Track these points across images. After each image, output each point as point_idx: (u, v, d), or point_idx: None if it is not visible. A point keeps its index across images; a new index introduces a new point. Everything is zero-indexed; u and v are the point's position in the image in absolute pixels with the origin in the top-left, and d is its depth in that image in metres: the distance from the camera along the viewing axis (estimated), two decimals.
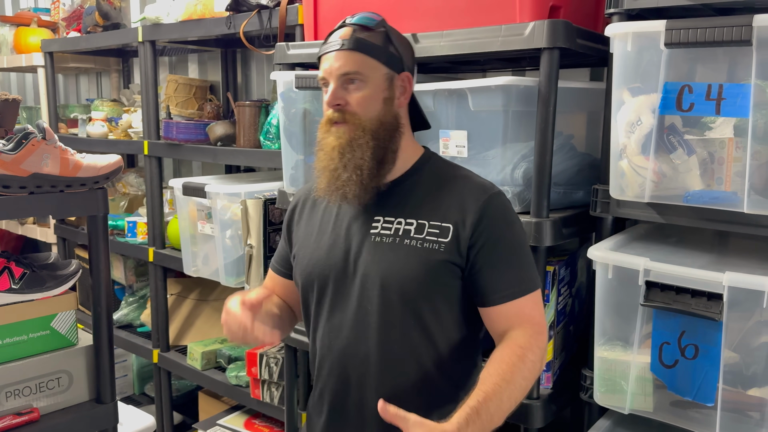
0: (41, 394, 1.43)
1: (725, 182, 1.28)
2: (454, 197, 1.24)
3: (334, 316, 1.27)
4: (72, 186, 1.37)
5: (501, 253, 1.22)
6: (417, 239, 1.22)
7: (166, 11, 2.44)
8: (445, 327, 1.24)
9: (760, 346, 1.25)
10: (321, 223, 1.33)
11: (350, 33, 1.23)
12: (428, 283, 1.21)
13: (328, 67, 1.23)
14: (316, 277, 1.29)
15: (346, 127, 1.22)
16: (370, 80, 1.22)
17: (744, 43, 1.18)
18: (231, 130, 2.38)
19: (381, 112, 1.23)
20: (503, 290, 1.22)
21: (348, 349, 1.25)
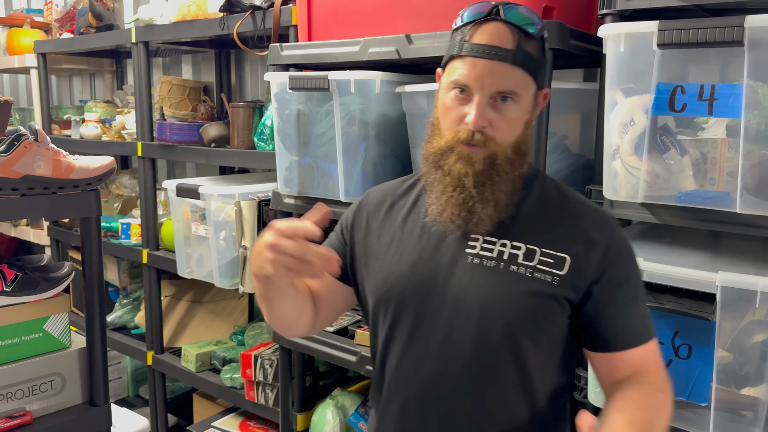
0: (34, 397, 1.42)
1: (718, 182, 1.28)
2: (573, 225, 1.08)
3: (413, 344, 1.09)
4: (64, 188, 1.37)
5: (627, 295, 1.07)
6: (526, 267, 1.05)
7: (159, 12, 2.44)
8: (545, 370, 1.08)
9: (753, 346, 1.26)
10: (402, 234, 1.14)
11: (513, 39, 1.01)
12: (536, 318, 1.05)
13: (477, 75, 1.00)
14: (395, 295, 1.10)
15: (482, 152, 1.03)
16: (522, 101, 1.04)
17: (736, 43, 1.18)
18: (225, 132, 2.38)
19: (520, 137, 1.06)
20: (630, 335, 1.07)
21: (430, 386, 1.08)
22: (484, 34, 1.02)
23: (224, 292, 2.74)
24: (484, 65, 1.01)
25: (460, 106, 1.04)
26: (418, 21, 1.65)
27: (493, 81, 1.01)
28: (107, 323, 3.00)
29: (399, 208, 1.18)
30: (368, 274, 1.16)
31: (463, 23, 1.05)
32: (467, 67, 1.02)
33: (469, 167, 1.03)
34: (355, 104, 1.70)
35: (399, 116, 1.75)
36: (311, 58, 1.85)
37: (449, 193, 1.05)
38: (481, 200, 1.05)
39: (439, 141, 1.07)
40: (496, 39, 1.01)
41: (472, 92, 1.02)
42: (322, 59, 1.82)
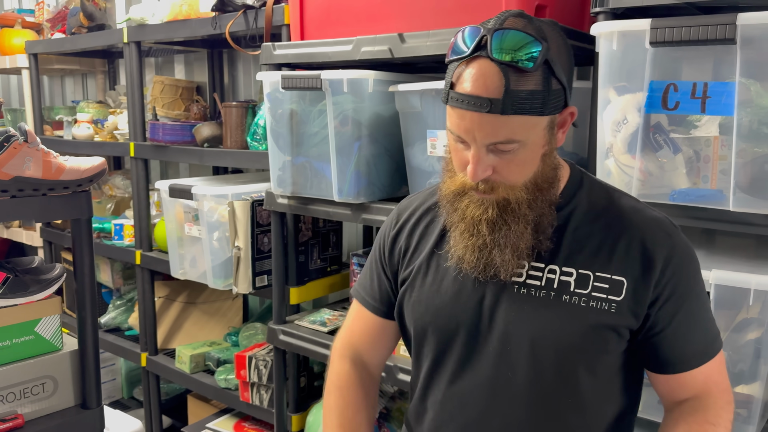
0: (26, 400, 1.41)
1: (711, 180, 1.28)
2: (628, 240, 0.98)
3: (460, 379, 1.04)
4: (55, 189, 1.35)
5: (690, 310, 0.99)
6: (580, 295, 0.97)
7: (151, 12, 2.42)
8: (604, 399, 1.02)
9: (747, 344, 1.26)
10: (440, 259, 1.07)
11: (500, 84, 0.87)
12: (594, 350, 0.98)
13: (467, 128, 0.92)
14: (438, 329, 1.05)
15: (493, 196, 0.96)
16: (528, 142, 0.93)
17: (728, 41, 1.18)
18: (218, 131, 2.37)
19: (537, 172, 0.96)
20: (693, 355, 0.99)
21: (480, 424, 1.02)
22: (468, 81, 0.90)
23: (218, 292, 2.73)
24: (472, 118, 0.90)
25: (463, 150, 0.96)
26: (410, 20, 1.65)
27: (484, 134, 0.91)
28: (101, 325, 2.99)
29: (433, 228, 1.11)
30: (408, 303, 1.10)
31: (450, 59, 0.94)
32: (457, 118, 0.93)
33: (483, 213, 0.97)
34: (348, 103, 1.70)
35: (392, 115, 1.74)
36: (304, 57, 1.84)
37: (466, 239, 0.99)
38: (497, 246, 0.97)
39: (451, 183, 1.01)
40: (480, 86, 0.88)
41: (468, 142, 0.94)
42: (315, 58, 1.81)
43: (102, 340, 2.89)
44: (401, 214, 1.18)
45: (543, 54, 0.88)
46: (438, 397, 1.07)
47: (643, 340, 1.00)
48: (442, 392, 1.07)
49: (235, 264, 2.13)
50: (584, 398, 1.00)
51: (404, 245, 1.14)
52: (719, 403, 1.01)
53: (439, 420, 1.07)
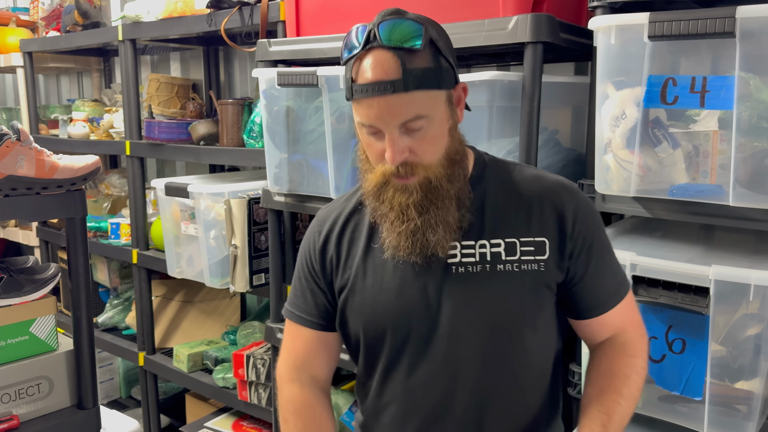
0: (21, 401, 1.40)
1: (710, 175, 1.27)
2: (539, 204, 1.08)
3: (419, 368, 1.08)
4: (48, 188, 1.34)
5: (600, 257, 1.09)
6: (512, 262, 1.05)
7: (146, 9, 2.41)
8: (545, 350, 1.12)
9: (747, 339, 1.25)
10: (374, 259, 1.10)
11: (397, 66, 0.95)
12: (534, 309, 1.07)
13: (377, 115, 0.97)
14: (389, 325, 1.08)
15: (415, 179, 1.01)
16: (435, 116, 1.00)
17: (727, 35, 1.17)
18: (214, 129, 2.35)
19: (449, 146, 1.04)
20: (608, 297, 1.10)
21: (445, 403, 1.08)
22: (367, 70, 0.97)
23: (216, 291, 2.72)
24: (379, 103, 0.97)
25: (377, 141, 1.02)
26: None
27: (394, 115, 0.97)
28: (98, 324, 2.97)
29: (359, 232, 1.14)
30: (351, 309, 1.13)
31: (345, 59, 1.01)
32: (364, 108, 0.99)
33: (409, 197, 1.02)
34: (345, 100, 1.68)
35: None
36: (300, 53, 1.83)
37: (398, 227, 1.04)
38: (429, 226, 1.02)
39: (373, 177, 1.05)
40: (380, 72, 0.96)
41: (380, 130, 1.00)
42: (311, 55, 1.80)
43: (99, 339, 2.88)
44: (323, 226, 1.19)
45: (426, 35, 0.98)
46: (399, 390, 1.10)
47: (565, 291, 1.10)
48: (403, 384, 1.10)
49: (232, 262, 2.12)
50: (531, 354, 1.09)
51: (334, 255, 1.15)
52: (635, 337, 1.13)
53: (404, 410, 1.11)
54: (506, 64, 2.02)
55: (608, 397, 1.05)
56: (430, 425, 1.10)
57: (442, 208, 1.03)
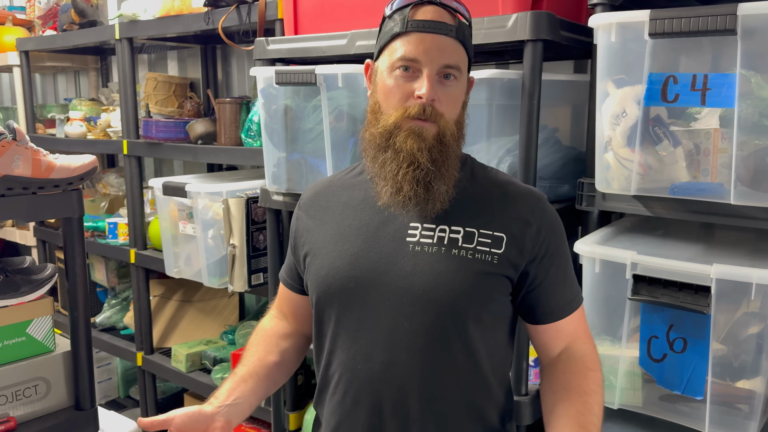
0: (18, 403, 1.39)
1: (711, 173, 1.27)
2: (505, 205, 1.11)
3: (360, 336, 1.10)
4: (45, 188, 1.33)
5: (560, 266, 1.13)
6: (467, 249, 1.07)
7: (143, 8, 2.39)
8: (491, 347, 1.11)
9: (748, 338, 1.24)
10: (340, 227, 1.15)
11: (452, 18, 1.05)
12: (480, 298, 1.07)
13: (426, 48, 1.02)
14: (337, 290, 1.11)
15: (432, 128, 1.04)
16: (462, 79, 1.08)
17: (728, 32, 1.16)
18: (211, 128, 2.34)
19: (459, 116, 1.09)
20: (564, 305, 1.13)
21: (381, 375, 1.08)
22: (427, 13, 1.05)
23: (214, 291, 2.71)
24: (432, 39, 1.04)
25: (407, 83, 1.05)
26: None
27: (442, 54, 1.03)
28: (96, 324, 2.96)
29: (335, 202, 1.19)
30: (310, 274, 1.16)
31: (399, 6, 1.07)
32: (414, 43, 1.04)
33: (422, 142, 1.04)
34: (343, 99, 1.68)
35: None
36: (298, 52, 1.82)
37: (404, 170, 1.04)
38: (438, 176, 1.05)
39: (386, 120, 1.06)
40: (439, 16, 1.05)
41: (421, 67, 1.04)
42: (309, 53, 1.79)
43: (97, 339, 2.87)
44: (304, 195, 1.27)
45: (469, 15, 1.11)
46: (342, 358, 1.12)
47: (525, 294, 1.12)
48: (345, 352, 1.12)
49: (231, 262, 2.11)
50: (473, 345, 1.09)
51: (306, 223, 1.22)
52: (590, 348, 1.15)
53: (346, 380, 1.12)
54: (506, 62, 2.01)
55: (585, 417, 1.06)
56: (364, 397, 1.10)
57: (450, 163, 1.07)
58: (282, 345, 1.27)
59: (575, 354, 1.14)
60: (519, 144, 1.45)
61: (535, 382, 1.59)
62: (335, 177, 1.26)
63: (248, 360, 1.22)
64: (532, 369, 1.58)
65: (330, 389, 1.15)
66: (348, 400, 1.12)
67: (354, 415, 1.12)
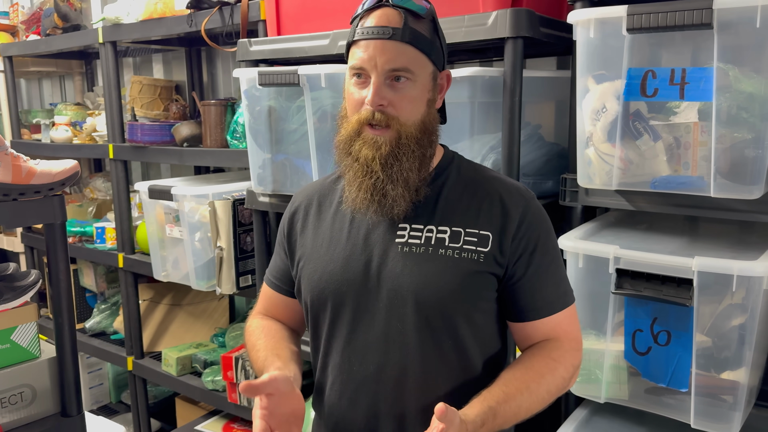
0: (4, 410, 1.38)
1: (691, 167, 1.27)
2: (491, 202, 1.12)
3: (355, 338, 1.12)
4: (26, 194, 1.32)
5: (542, 264, 1.11)
6: (453, 248, 1.09)
7: (125, 11, 2.38)
8: (481, 343, 1.13)
9: (731, 330, 1.25)
10: (332, 231, 1.17)
11: (400, 19, 1.05)
12: (468, 297, 1.09)
13: (370, 56, 1.05)
14: (331, 294, 1.13)
15: (387, 133, 1.06)
16: (419, 79, 1.07)
17: (705, 26, 1.17)
18: (197, 131, 2.33)
19: (424, 116, 1.09)
20: (543, 304, 1.11)
21: (376, 375, 1.10)
22: (374, 18, 1.07)
23: (204, 294, 2.70)
24: (375, 45, 1.05)
25: (360, 90, 1.08)
26: None
27: (385, 59, 1.04)
28: (86, 329, 2.95)
29: (327, 206, 1.21)
30: (304, 277, 1.18)
31: (357, 15, 1.10)
32: (361, 51, 1.06)
33: (376, 151, 1.06)
34: (327, 99, 1.67)
35: None
36: (280, 52, 1.82)
37: (360, 178, 1.08)
38: (390, 181, 1.07)
39: (347, 127, 1.10)
40: (383, 20, 1.06)
41: (369, 74, 1.06)
42: (292, 54, 1.79)
43: (87, 344, 2.86)
44: (296, 198, 1.28)
45: (431, 11, 1.10)
46: (337, 361, 1.14)
47: (503, 290, 1.12)
48: (340, 355, 1.14)
49: (218, 264, 2.11)
50: (464, 342, 1.10)
51: (300, 225, 1.23)
52: (564, 346, 1.12)
53: (341, 382, 1.14)
54: (489, 59, 2.01)
55: (514, 384, 1.05)
56: (361, 397, 1.12)
57: (406, 165, 1.07)
58: (293, 337, 1.26)
59: (546, 345, 1.12)
60: (502, 141, 1.46)
61: None
62: (325, 180, 1.27)
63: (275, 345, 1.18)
64: None
65: (327, 390, 1.17)
66: (344, 401, 1.14)
67: (351, 415, 1.13)
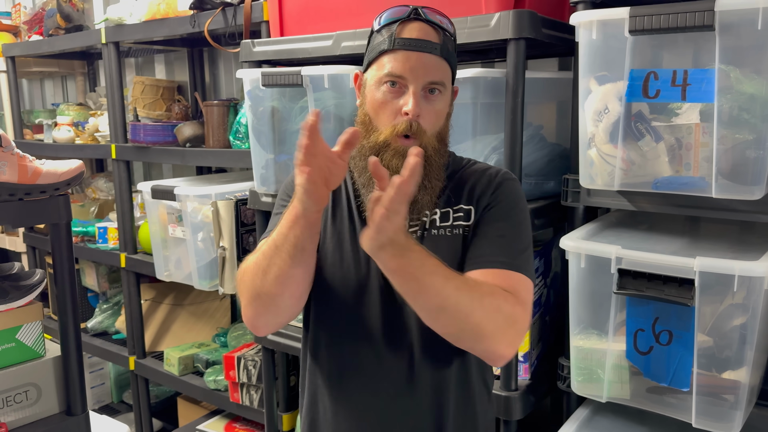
0: (9, 409, 1.39)
1: (693, 168, 1.28)
2: (472, 183, 1.17)
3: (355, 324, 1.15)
4: (31, 194, 1.33)
5: (494, 223, 1.12)
6: (445, 227, 1.14)
7: (128, 11, 2.39)
8: None
9: (733, 329, 1.26)
10: (341, 230, 1.17)
11: (438, 36, 1.09)
12: (461, 268, 1.10)
13: (412, 67, 1.06)
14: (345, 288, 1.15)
15: (415, 143, 1.07)
16: (446, 93, 1.12)
17: (707, 28, 1.18)
18: (199, 131, 2.34)
19: (443, 127, 1.14)
20: (491, 256, 1.09)
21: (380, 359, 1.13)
22: (413, 31, 1.09)
23: (206, 293, 2.71)
24: (417, 57, 1.07)
25: (394, 99, 1.09)
26: None
27: (426, 72, 1.07)
28: (88, 329, 2.96)
29: (338, 202, 1.20)
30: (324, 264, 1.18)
31: (386, 23, 1.11)
32: (401, 60, 1.08)
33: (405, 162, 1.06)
34: (330, 99, 1.68)
35: None
36: (283, 53, 1.83)
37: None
38: (421, 188, 1.10)
39: (376, 136, 1.10)
40: (424, 34, 1.09)
41: (407, 83, 1.08)
42: (295, 54, 1.80)
43: (90, 344, 2.86)
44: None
45: (454, 28, 1.15)
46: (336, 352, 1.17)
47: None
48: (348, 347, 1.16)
49: (221, 264, 2.12)
50: None
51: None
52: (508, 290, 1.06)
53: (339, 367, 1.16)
54: (491, 60, 2.02)
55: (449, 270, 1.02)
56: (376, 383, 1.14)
57: (432, 175, 1.11)
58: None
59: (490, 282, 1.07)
60: (504, 141, 1.47)
61: (524, 377, 1.60)
62: None
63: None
64: (522, 364, 1.60)
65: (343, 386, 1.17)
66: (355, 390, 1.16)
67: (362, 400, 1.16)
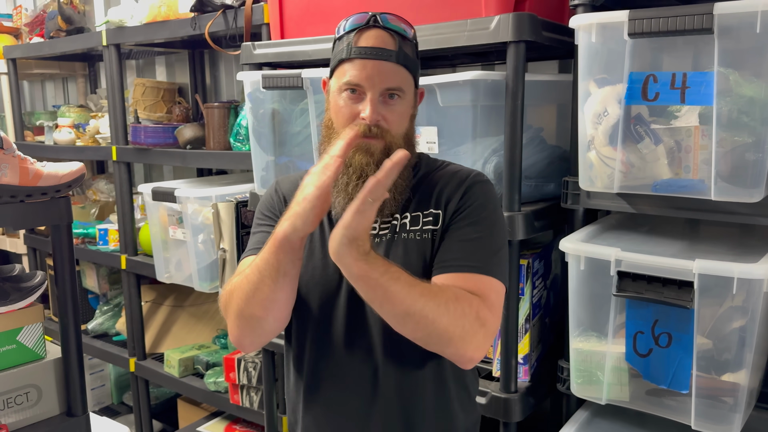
0: (9, 410, 1.39)
1: (692, 170, 1.29)
2: (445, 184, 1.18)
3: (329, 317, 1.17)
4: (32, 196, 1.33)
5: (463, 228, 1.12)
6: (414, 231, 1.15)
7: (129, 14, 2.40)
8: None
9: (732, 332, 1.26)
10: (312, 236, 1.19)
11: (394, 42, 1.12)
12: (429, 272, 1.12)
13: (368, 75, 1.10)
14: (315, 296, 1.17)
15: (379, 143, 1.11)
16: (407, 97, 1.14)
17: (705, 31, 1.18)
18: (200, 133, 2.35)
19: (408, 129, 1.17)
20: (460, 260, 1.09)
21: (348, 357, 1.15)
22: (369, 39, 1.12)
23: (206, 295, 2.71)
24: (373, 65, 1.10)
25: (353, 104, 1.12)
26: None
27: (382, 79, 1.10)
28: (88, 331, 2.96)
29: None
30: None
31: (346, 31, 1.15)
32: (358, 69, 1.11)
33: (369, 157, 1.11)
34: None
35: None
36: (284, 56, 1.83)
37: (354, 183, 1.11)
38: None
39: (337, 137, 1.11)
40: (380, 42, 1.12)
41: (365, 91, 1.11)
42: (295, 57, 1.80)
43: (90, 346, 2.87)
44: (283, 185, 1.27)
45: (413, 32, 1.17)
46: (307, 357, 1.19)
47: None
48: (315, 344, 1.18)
49: (221, 266, 2.12)
50: None
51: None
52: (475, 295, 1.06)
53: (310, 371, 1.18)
54: (491, 63, 2.03)
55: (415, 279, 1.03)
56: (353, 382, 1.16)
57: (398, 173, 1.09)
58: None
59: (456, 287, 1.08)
60: (504, 144, 1.47)
61: (524, 379, 1.61)
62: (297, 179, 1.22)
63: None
64: (522, 366, 1.60)
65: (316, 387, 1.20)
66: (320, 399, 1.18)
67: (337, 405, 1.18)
